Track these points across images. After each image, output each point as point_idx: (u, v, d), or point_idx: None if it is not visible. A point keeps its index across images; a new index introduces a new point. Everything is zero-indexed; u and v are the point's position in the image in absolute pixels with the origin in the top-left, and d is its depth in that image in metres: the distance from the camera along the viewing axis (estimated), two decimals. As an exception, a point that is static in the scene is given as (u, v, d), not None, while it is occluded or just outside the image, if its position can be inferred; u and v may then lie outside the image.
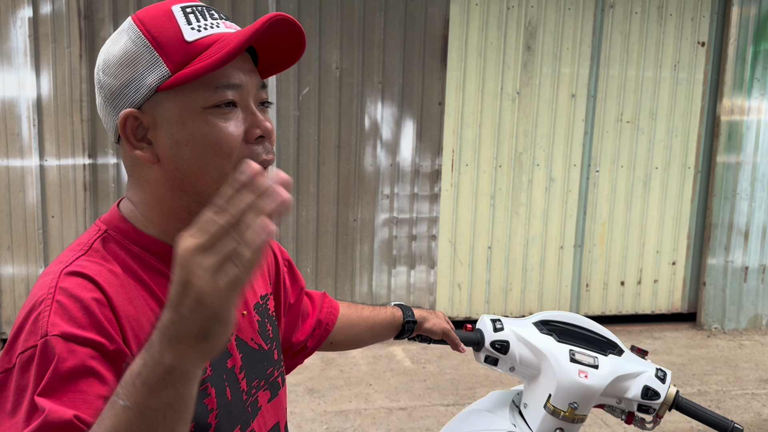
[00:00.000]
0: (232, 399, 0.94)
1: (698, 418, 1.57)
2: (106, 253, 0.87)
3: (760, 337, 5.23)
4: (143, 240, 0.90)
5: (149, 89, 0.85)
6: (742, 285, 5.38)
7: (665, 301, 5.38)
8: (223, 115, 0.86)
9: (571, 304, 5.18)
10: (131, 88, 0.86)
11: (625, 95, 5.04)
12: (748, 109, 5.16)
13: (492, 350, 1.56)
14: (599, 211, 5.13)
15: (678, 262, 5.34)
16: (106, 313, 0.80)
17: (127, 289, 0.84)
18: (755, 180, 5.27)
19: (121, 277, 0.85)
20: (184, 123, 0.85)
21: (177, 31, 0.86)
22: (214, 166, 0.86)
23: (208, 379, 0.90)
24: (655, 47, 5.03)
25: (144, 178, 0.90)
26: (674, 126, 5.15)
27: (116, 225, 0.91)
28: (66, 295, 0.80)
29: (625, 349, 1.62)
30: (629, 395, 1.56)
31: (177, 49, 0.85)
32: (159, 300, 0.87)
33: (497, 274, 5.02)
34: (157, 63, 0.85)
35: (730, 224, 5.29)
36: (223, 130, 0.85)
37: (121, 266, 0.86)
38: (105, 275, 0.83)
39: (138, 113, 0.86)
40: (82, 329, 0.77)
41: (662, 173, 5.20)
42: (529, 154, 4.94)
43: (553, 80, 4.90)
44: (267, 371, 1.04)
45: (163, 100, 0.86)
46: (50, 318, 0.77)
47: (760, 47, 5.11)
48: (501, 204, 4.95)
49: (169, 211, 0.90)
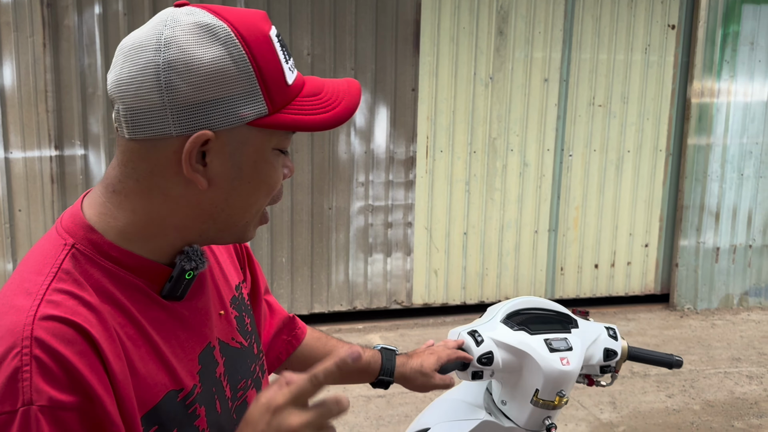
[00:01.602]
0: (221, 411, 0.90)
1: (647, 361, 1.69)
2: (78, 275, 0.79)
3: (731, 317, 5.32)
4: (116, 254, 0.82)
5: (239, 120, 0.79)
6: (713, 265, 5.46)
7: (638, 283, 5.45)
8: (278, 158, 0.85)
9: (546, 288, 5.21)
10: (217, 109, 0.78)
11: (597, 79, 5.06)
12: (718, 91, 5.22)
13: (479, 366, 1.52)
14: (573, 195, 5.16)
15: (651, 244, 5.40)
16: (94, 366, 0.74)
17: (107, 325, 0.77)
18: (725, 161, 5.34)
19: (98, 308, 0.77)
20: (257, 162, 0.83)
21: (279, 69, 0.81)
22: (260, 204, 0.86)
23: (197, 399, 0.86)
24: (626, 30, 5.05)
25: (163, 191, 0.82)
26: (645, 109, 5.19)
27: (84, 236, 0.82)
28: (44, 350, 0.71)
29: (577, 319, 1.64)
30: (593, 362, 1.61)
31: (279, 91, 0.81)
32: (137, 323, 0.81)
33: (473, 259, 5.03)
34: (257, 98, 0.80)
35: (702, 206, 5.36)
36: (278, 173, 0.86)
37: (95, 290, 0.79)
38: (84, 315, 0.75)
39: (213, 137, 0.79)
40: (67, 393, 0.71)
41: (634, 156, 5.24)
42: (503, 139, 4.94)
43: (526, 65, 4.90)
44: (251, 368, 1.00)
45: (246, 134, 0.81)
46: (33, 381, 0.70)
47: (729, 30, 5.16)
48: (476, 190, 4.95)
49: (176, 229, 0.84)
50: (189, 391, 0.85)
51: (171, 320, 0.85)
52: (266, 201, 0.87)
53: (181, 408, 0.83)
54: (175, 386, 0.83)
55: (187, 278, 0.85)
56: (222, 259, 1.03)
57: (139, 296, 0.82)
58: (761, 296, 5.57)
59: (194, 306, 0.89)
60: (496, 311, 1.63)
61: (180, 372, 0.84)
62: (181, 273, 0.85)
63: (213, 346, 0.91)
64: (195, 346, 0.87)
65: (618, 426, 3.55)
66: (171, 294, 0.85)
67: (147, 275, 0.83)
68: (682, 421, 3.62)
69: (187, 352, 0.86)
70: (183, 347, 0.85)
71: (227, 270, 1.03)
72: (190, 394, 0.85)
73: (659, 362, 1.67)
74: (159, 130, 0.79)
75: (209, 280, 0.95)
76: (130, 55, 0.79)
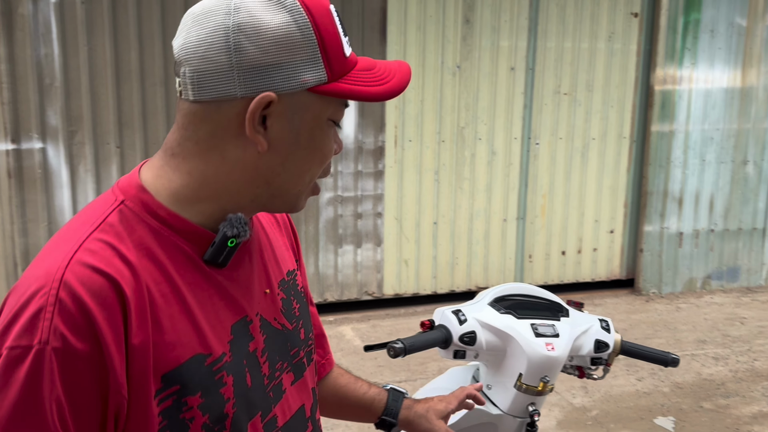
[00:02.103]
0: (253, 385, 0.89)
1: (642, 357, 1.66)
2: (121, 229, 0.81)
3: (695, 300, 5.43)
4: (164, 214, 0.84)
5: (301, 85, 0.82)
6: (677, 250, 5.56)
7: (604, 269, 5.52)
8: (331, 129, 0.88)
9: (516, 276, 5.24)
10: (281, 73, 0.81)
11: (563, 67, 5.08)
12: (680, 79, 5.30)
13: (461, 344, 1.50)
14: (540, 183, 5.19)
15: (616, 230, 5.47)
16: (114, 320, 0.75)
17: (139, 280, 0.79)
18: (688, 148, 5.43)
19: (134, 263, 0.79)
20: (312, 129, 0.86)
21: (339, 42, 0.85)
22: (313, 173, 0.89)
23: (225, 366, 0.85)
24: (590, 19, 5.08)
25: (222, 152, 0.84)
26: (610, 97, 5.24)
27: (135, 195, 0.84)
28: (70, 295, 0.74)
29: (569, 309, 1.63)
30: (583, 352, 1.59)
31: (337, 60, 0.84)
32: (173, 283, 0.82)
33: (443, 249, 5.02)
34: (318, 65, 0.83)
35: (665, 192, 5.45)
36: (331, 143, 0.89)
37: (136, 245, 0.81)
38: (117, 267, 0.78)
39: (276, 100, 0.82)
40: (82, 341, 0.73)
41: (599, 144, 5.29)
42: (471, 128, 4.94)
43: (493, 53, 4.90)
44: (291, 352, 0.99)
45: (305, 100, 0.84)
46: (53, 322, 0.73)
47: (690, 17, 5.24)
48: (445, 179, 4.94)
49: (229, 192, 0.86)
50: (217, 357, 0.84)
51: (209, 286, 0.86)
52: (319, 170, 0.89)
53: (208, 373, 0.83)
54: (204, 350, 0.83)
55: (229, 246, 0.86)
56: (277, 243, 1.04)
57: (181, 258, 0.84)
58: (723, 279, 5.70)
59: (235, 277, 0.89)
60: (485, 294, 1.62)
61: (210, 337, 0.84)
62: (223, 240, 0.85)
63: (250, 320, 0.91)
64: (230, 315, 0.88)
65: (591, 410, 3.59)
66: (213, 260, 0.86)
67: (192, 239, 0.85)
68: (653, 403, 3.68)
69: (221, 320, 0.86)
70: (217, 314, 0.86)
71: (281, 253, 1.03)
72: (218, 361, 0.84)
73: (654, 359, 1.65)
74: (225, 91, 0.81)
75: (258, 257, 0.95)
76: (199, 20, 0.82)
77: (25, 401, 0.72)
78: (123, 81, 4.23)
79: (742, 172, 5.59)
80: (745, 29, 5.36)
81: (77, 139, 4.21)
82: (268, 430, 0.91)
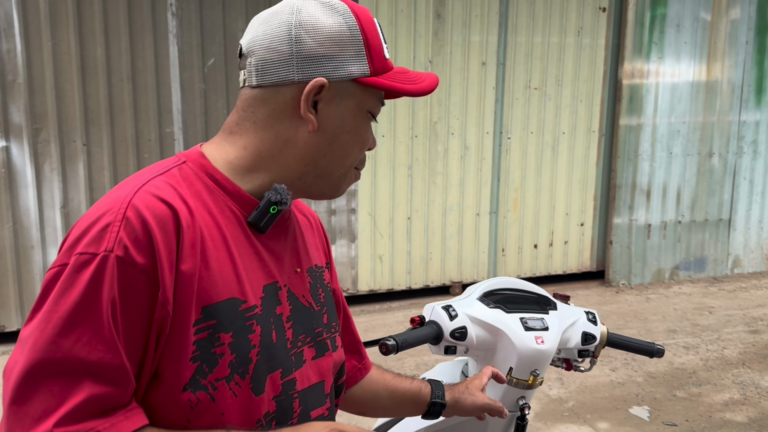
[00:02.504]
0: (277, 343, 0.98)
1: (628, 348, 1.68)
2: (181, 180, 0.94)
3: (664, 290, 5.53)
4: (219, 177, 0.97)
5: (348, 75, 0.97)
6: (645, 242, 5.65)
7: (575, 261, 5.58)
8: (370, 123, 1.03)
9: (489, 270, 5.27)
10: (332, 63, 0.96)
11: (533, 62, 5.12)
12: (647, 73, 5.38)
13: (452, 340, 1.50)
14: (512, 177, 5.23)
15: (586, 223, 5.54)
16: (170, 243, 0.86)
17: (194, 219, 0.90)
18: (655, 141, 5.52)
19: (191, 205, 0.91)
20: (355, 116, 0.99)
21: (380, 44, 1.00)
22: (354, 157, 1.02)
23: (255, 316, 0.94)
24: (560, 13, 5.12)
25: (276, 131, 0.98)
26: (579, 91, 5.29)
27: (196, 159, 0.98)
28: (135, 214, 0.86)
29: (556, 302, 1.63)
30: (571, 345, 1.60)
31: (379, 59, 0.99)
32: (221, 231, 0.93)
33: (417, 244, 5.02)
34: (363, 59, 0.97)
35: (633, 184, 5.53)
36: (368, 133, 1.03)
37: (193, 195, 0.93)
38: (178, 202, 0.89)
39: (327, 85, 0.96)
40: (141, 255, 0.84)
41: (569, 138, 5.34)
42: (443, 123, 4.94)
43: (464, 48, 4.90)
44: (315, 330, 1.07)
45: (351, 89, 0.98)
46: (119, 234, 0.84)
47: (657, 12, 5.31)
48: (418, 174, 4.94)
49: (279, 167, 0.99)
50: (250, 306, 0.94)
51: (249, 245, 0.97)
52: (359, 157, 1.03)
53: (241, 317, 0.92)
54: (240, 296, 0.93)
55: (271, 212, 0.97)
56: (309, 239, 1.14)
57: (229, 214, 0.96)
58: (691, 270, 5.81)
59: (271, 246, 1.00)
60: (474, 289, 1.61)
61: (247, 287, 0.94)
62: (266, 204, 0.97)
63: (279, 287, 1.00)
64: (263, 276, 0.98)
65: (567, 401, 3.63)
66: (255, 222, 0.97)
67: (239, 202, 0.97)
68: (627, 393, 3.73)
69: (257, 277, 0.97)
70: (254, 271, 0.96)
71: (312, 248, 1.13)
72: (251, 309, 0.94)
73: (639, 350, 1.66)
74: (285, 76, 0.95)
75: (291, 241, 1.06)
76: (266, 20, 0.98)
77: (86, 299, 0.82)
78: (89, 77, 4.12)
79: (708, 164, 5.70)
80: (709, 24, 5.46)
81: (42, 137, 4.09)
82: (286, 389, 0.99)
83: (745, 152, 5.78)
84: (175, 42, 4.28)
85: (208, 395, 0.89)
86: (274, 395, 0.97)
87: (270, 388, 0.96)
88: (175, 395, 0.88)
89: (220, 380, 0.90)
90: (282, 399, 0.98)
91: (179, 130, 4.36)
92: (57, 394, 0.80)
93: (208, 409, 0.90)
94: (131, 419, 0.84)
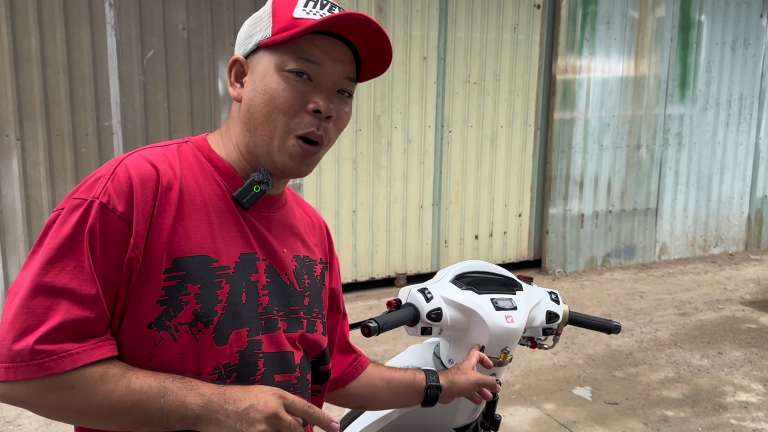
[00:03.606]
0: (247, 304, 1.04)
1: (587, 325, 1.77)
2: (176, 154, 1.06)
3: (597, 277, 5.76)
4: (211, 156, 1.09)
5: (255, 44, 1.06)
6: (579, 231, 5.87)
7: (514, 251, 5.75)
8: (294, 81, 1.03)
9: (432, 261, 5.36)
10: (248, 41, 1.08)
11: (472, 57, 5.23)
12: (580, 68, 5.58)
13: (428, 321, 1.56)
14: (453, 170, 5.33)
15: (523, 214, 5.71)
16: (148, 199, 0.98)
17: (177, 183, 1.01)
18: (587, 134, 5.73)
19: (178, 173, 1.02)
20: (265, 76, 1.04)
21: (291, 8, 1.05)
22: (272, 119, 1.04)
23: (226, 276, 1.02)
24: (497, 10, 5.26)
25: (233, 112, 1.10)
26: (515, 86, 5.45)
27: (196, 141, 1.11)
28: (123, 170, 0.99)
29: (521, 283, 1.71)
30: (536, 323, 1.68)
31: (283, 19, 1.04)
32: (204, 198, 1.04)
33: (363, 237, 5.06)
34: (267, 26, 1.05)
35: (567, 176, 5.74)
36: (287, 90, 1.03)
37: (185, 166, 1.04)
38: (165, 168, 1.01)
39: (242, 60, 1.08)
40: (121, 202, 0.97)
41: (507, 131, 5.49)
42: (387, 116, 4.99)
43: (406, 42, 4.97)
44: (291, 307, 1.13)
45: (261, 55, 1.06)
46: (106, 185, 0.97)
47: (588, 9, 5.52)
48: (363, 167, 4.97)
49: (236, 142, 1.08)
50: (222, 265, 1.02)
51: (231, 216, 1.06)
52: (283, 119, 1.04)
53: (211, 273, 1.01)
54: (213, 255, 1.02)
55: (254, 191, 1.06)
56: (306, 235, 1.20)
57: (215, 187, 1.06)
58: (621, 257, 6.08)
59: (253, 224, 1.08)
60: (446, 273, 1.67)
61: (221, 249, 1.03)
62: (250, 183, 1.06)
63: (257, 258, 1.07)
64: (241, 245, 1.06)
65: (514, 385, 3.75)
66: (239, 198, 1.05)
67: (227, 179, 1.07)
68: (570, 374, 3.89)
69: (234, 244, 1.05)
70: (232, 239, 1.05)
71: (306, 243, 1.20)
72: (222, 269, 1.02)
73: (598, 327, 1.75)
74: None
75: (281, 230, 1.13)
76: None
77: (73, 236, 0.95)
78: (22, 69, 3.96)
79: (636, 156, 5.97)
80: (637, 21, 5.71)
81: (-28, 132, 3.91)
82: (252, 347, 1.05)
83: (670, 144, 6.08)
84: (113, 33, 4.16)
85: (170, 335, 0.98)
86: (238, 349, 1.03)
87: (235, 342, 1.02)
88: (142, 331, 0.98)
89: (183, 324, 0.98)
90: (247, 355, 1.04)
91: (118, 123, 4.25)
92: (39, 314, 0.92)
93: (169, 348, 0.98)
94: (102, 349, 0.94)
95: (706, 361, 4.09)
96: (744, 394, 3.66)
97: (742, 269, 6.07)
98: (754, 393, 3.67)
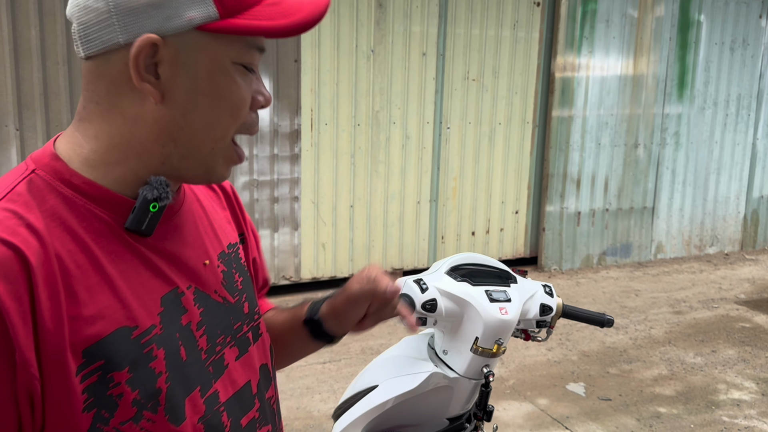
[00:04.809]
0: (188, 359, 0.84)
1: (581, 318, 1.78)
2: (30, 198, 0.76)
3: (592, 275, 5.78)
4: (78, 182, 0.78)
5: (187, 23, 0.76)
6: (575, 229, 5.89)
7: (510, 248, 5.77)
8: (244, 77, 0.81)
9: (429, 257, 5.38)
10: (163, 13, 0.75)
11: (471, 54, 5.24)
12: (578, 66, 5.60)
13: (423, 312, 1.58)
14: (451, 167, 5.35)
15: (520, 211, 5.73)
16: (17, 291, 0.70)
17: (47, 250, 0.73)
18: (585, 132, 5.75)
19: (42, 232, 0.74)
20: (213, 72, 0.78)
21: None
22: (224, 127, 0.81)
23: (154, 339, 0.80)
24: (496, 6, 5.27)
25: (121, 110, 0.79)
26: (514, 83, 5.46)
27: (47, 164, 0.79)
28: None
29: (516, 276, 1.73)
30: (530, 316, 1.71)
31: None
32: (90, 253, 0.77)
33: (360, 232, 5.08)
34: (205, 0, 0.76)
35: (565, 173, 5.76)
36: (242, 91, 0.81)
37: (47, 215, 0.75)
38: (23, 236, 0.72)
39: (161, 43, 0.75)
40: None
41: (505, 128, 5.51)
42: (385, 112, 5.00)
43: (405, 38, 4.98)
44: (234, 326, 0.93)
45: (197, 41, 0.77)
46: None
47: (588, 7, 5.54)
48: (361, 162, 4.99)
49: (137, 153, 0.80)
50: (145, 330, 0.79)
51: (132, 256, 0.80)
52: (232, 124, 0.82)
53: (135, 347, 0.78)
54: (129, 323, 0.78)
55: (152, 211, 0.80)
56: (215, 215, 0.99)
57: (99, 226, 0.78)
58: (617, 255, 6.10)
59: (161, 248, 0.84)
60: (441, 264, 1.69)
61: (136, 309, 0.79)
62: (144, 204, 0.80)
63: (181, 292, 0.85)
64: (158, 286, 0.82)
65: (508, 380, 3.77)
66: (136, 227, 0.80)
67: (110, 207, 0.80)
68: (564, 371, 3.91)
69: (149, 291, 0.81)
70: (144, 285, 0.81)
71: (220, 226, 0.98)
72: (146, 334, 0.79)
73: (591, 320, 1.78)
74: (107, 40, 0.76)
75: (192, 229, 0.90)
76: None
77: None
78: (22, 60, 3.97)
79: (634, 154, 6.00)
80: (636, 20, 5.73)
81: (-29, 121, 3.92)
82: (210, 405, 0.86)
83: (668, 143, 6.10)
84: (113, 25, 4.17)
85: None
86: (198, 418, 0.85)
87: (191, 411, 0.84)
88: None
89: (125, 422, 0.77)
90: (208, 418, 0.86)
91: (118, 115, 4.26)
92: None
93: None
94: None
95: (700, 359, 4.12)
96: (737, 392, 3.69)
97: (738, 269, 6.10)
98: (746, 391, 3.70)
